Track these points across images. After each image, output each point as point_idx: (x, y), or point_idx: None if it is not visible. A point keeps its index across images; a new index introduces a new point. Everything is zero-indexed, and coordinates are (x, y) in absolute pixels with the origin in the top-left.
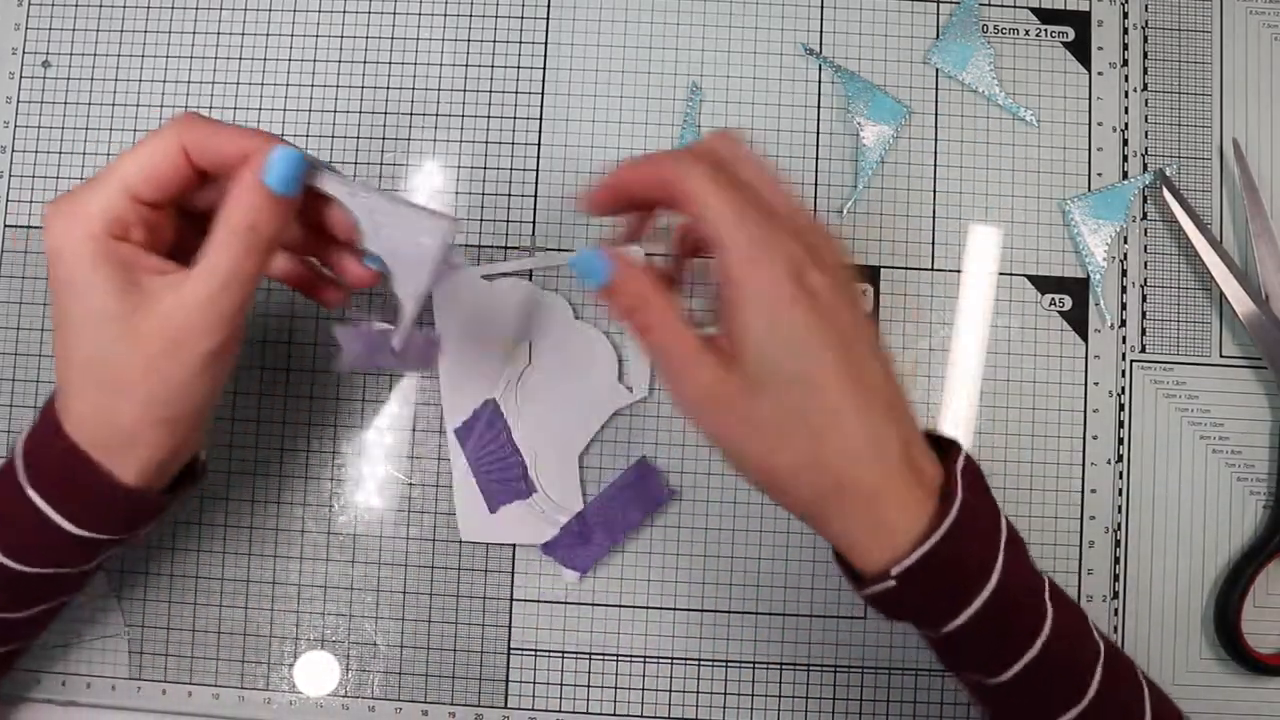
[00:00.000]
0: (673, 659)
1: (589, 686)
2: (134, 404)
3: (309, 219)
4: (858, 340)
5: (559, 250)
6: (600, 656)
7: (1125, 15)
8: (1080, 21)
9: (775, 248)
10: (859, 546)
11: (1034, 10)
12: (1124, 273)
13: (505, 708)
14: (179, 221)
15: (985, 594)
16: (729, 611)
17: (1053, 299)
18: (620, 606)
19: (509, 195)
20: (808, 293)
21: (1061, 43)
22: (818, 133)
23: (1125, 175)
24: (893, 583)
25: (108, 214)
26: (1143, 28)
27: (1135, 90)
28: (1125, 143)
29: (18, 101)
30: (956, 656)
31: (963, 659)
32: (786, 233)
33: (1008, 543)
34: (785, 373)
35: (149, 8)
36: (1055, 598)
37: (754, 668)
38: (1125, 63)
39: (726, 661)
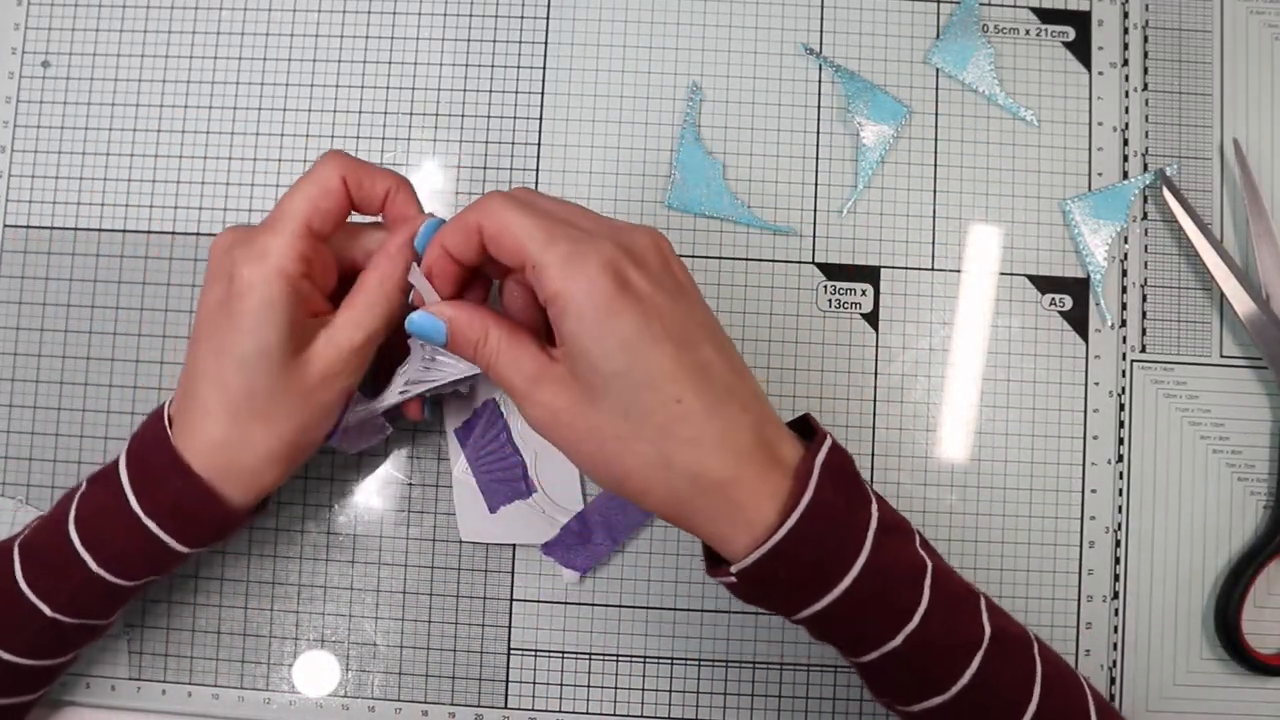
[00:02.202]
0: (673, 659)
1: (589, 686)
2: (274, 432)
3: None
4: (691, 332)
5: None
6: (600, 656)
7: (1126, 15)
8: (1080, 21)
9: (588, 255)
10: (722, 538)
11: (1034, 10)
12: (1124, 273)
13: (505, 708)
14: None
15: (840, 588)
16: (729, 611)
17: (1053, 299)
18: (620, 606)
19: None
20: (630, 291)
21: (1062, 42)
22: (818, 133)
23: (1126, 175)
24: (733, 579)
25: (296, 252)
26: (1143, 27)
27: (1136, 90)
28: (1125, 143)
29: (17, 101)
30: (814, 634)
31: (821, 637)
32: (599, 239)
33: (879, 532)
34: (619, 374)
35: (149, 8)
36: (936, 585)
37: (754, 668)
38: (1126, 62)
39: (726, 661)
